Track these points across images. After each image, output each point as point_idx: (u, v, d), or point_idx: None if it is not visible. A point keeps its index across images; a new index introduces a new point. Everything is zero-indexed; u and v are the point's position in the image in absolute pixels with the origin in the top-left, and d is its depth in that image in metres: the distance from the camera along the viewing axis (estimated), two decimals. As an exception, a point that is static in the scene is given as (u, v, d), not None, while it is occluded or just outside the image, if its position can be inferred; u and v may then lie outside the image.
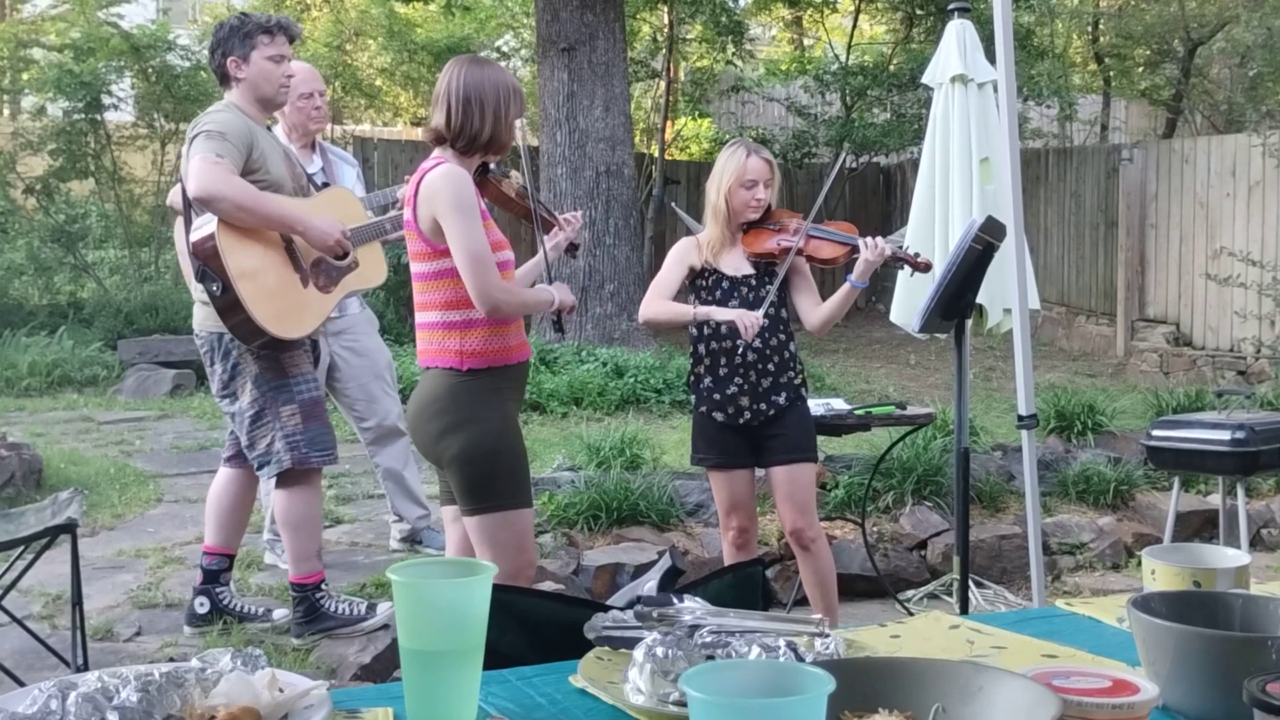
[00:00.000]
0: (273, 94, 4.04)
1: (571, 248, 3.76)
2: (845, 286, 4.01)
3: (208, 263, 3.77)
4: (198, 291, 3.96)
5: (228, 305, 3.77)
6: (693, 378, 4.15)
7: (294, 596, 4.16)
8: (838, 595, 4.29)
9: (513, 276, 3.36)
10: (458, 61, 3.30)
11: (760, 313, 3.95)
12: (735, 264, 4.11)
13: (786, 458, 4.08)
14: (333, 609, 4.13)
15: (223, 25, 4.07)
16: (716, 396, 4.07)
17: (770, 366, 4.04)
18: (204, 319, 4.00)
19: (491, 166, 3.50)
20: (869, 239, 4.02)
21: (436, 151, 3.27)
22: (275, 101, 4.10)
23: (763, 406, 4.05)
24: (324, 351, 4.91)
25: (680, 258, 4.14)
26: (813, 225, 4.08)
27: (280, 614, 4.33)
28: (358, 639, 4.14)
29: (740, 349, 3.99)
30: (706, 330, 4.06)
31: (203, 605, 4.24)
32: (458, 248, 3.13)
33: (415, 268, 3.28)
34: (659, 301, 4.11)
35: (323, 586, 4.15)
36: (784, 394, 4.06)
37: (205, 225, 3.80)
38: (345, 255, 4.05)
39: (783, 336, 4.08)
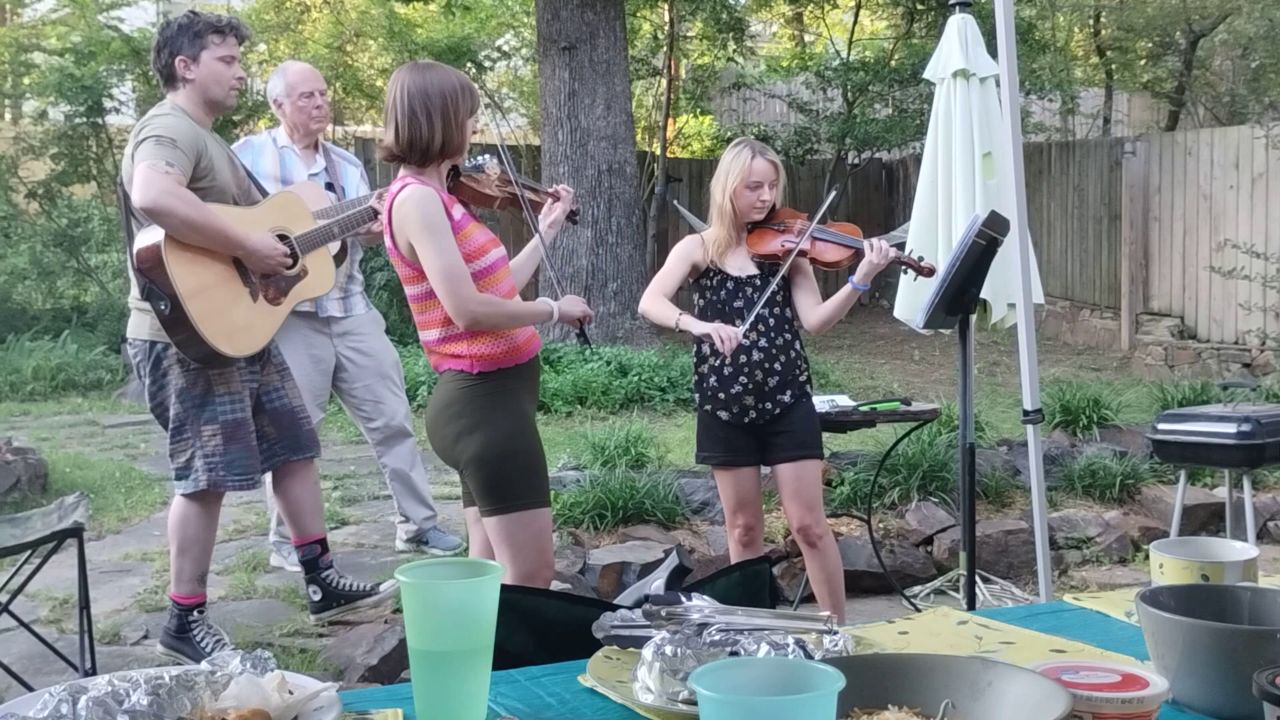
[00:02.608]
0: (222, 96, 3.89)
1: (571, 216, 3.72)
2: (847, 288, 4.00)
3: (153, 279, 3.63)
4: (134, 298, 3.86)
5: (176, 323, 3.64)
6: (696, 376, 4.15)
7: (172, 609, 3.99)
8: (844, 592, 4.29)
9: (508, 274, 3.33)
10: (400, 72, 3.22)
11: (741, 330, 3.92)
12: (740, 264, 4.10)
13: (793, 455, 4.08)
14: (200, 638, 3.93)
15: (170, 23, 3.91)
16: (721, 396, 4.06)
17: (776, 366, 4.03)
18: (138, 326, 3.87)
19: (466, 165, 3.44)
20: (873, 241, 4.01)
21: (400, 171, 3.20)
22: (224, 104, 3.94)
23: (768, 405, 4.05)
24: (330, 352, 4.91)
25: (684, 255, 4.13)
26: (817, 227, 4.08)
27: (388, 585, 4.23)
28: (364, 641, 4.14)
29: (746, 348, 3.98)
30: None
31: (316, 593, 4.21)
32: (429, 266, 3.09)
33: (408, 291, 3.25)
34: (655, 299, 4.11)
35: (197, 613, 3.96)
36: (789, 392, 4.06)
37: (150, 236, 3.65)
38: (293, 264, 3.95)
39: (788, 336, 4.08)
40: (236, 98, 4.02)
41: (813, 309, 4.12)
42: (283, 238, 3.95)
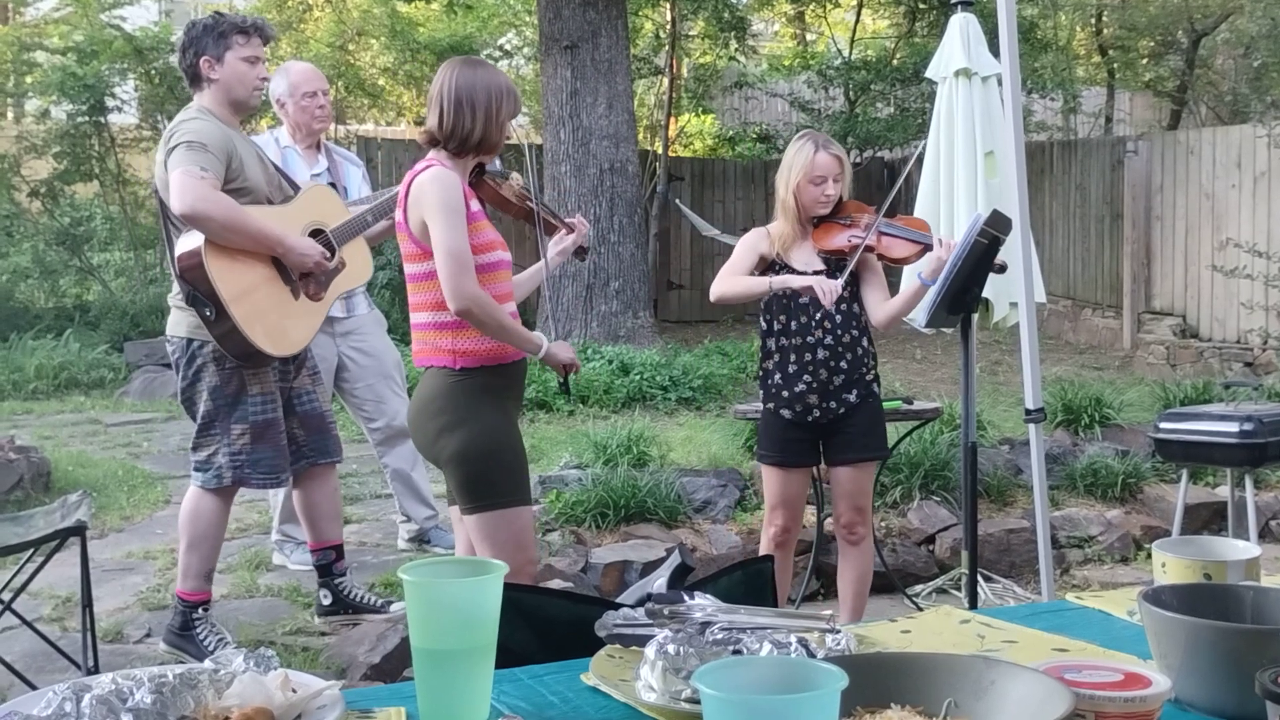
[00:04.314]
0: (246, 96, 3.92)
1: (580, 251, 3.74)
2: (914, 284, 3.97)
3: (196, 284, 3.66)
4: (173, 297, 3.88)
5: (221, 327, 3.67)
6: (762, 373, 4.11)
7: (177, 606, 4.00)
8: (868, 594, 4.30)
9: (508, 277, 3.34)
10: (451, 63, 3.30)
11: (840, 281, 3.85)
12: (806, 259, 4.04)
13: (854, 457, 4.06)
14: (203, 637, 3.93)
15: (195, 24, 3.93)
16: (785, 394, 4.01)
17: (843, 364, 3.98)
18: (176, 323, 3.90)
19: (491, 168, 3.48)
20: (941, 237, 3.98)
21: (430, 153, 3.27)
22: (248, 105, 3.97)
23: (833, 405, 3.99)
24: (332, 352, 4.91)
25: (751, 245, 4.08)
26: (884, 222, 4.01)
27: (398, 606, 4.25)
28: (366, 639, 4.14)
29: (810, 345, 3.95)
30: (776, 325, 4.01)
31: (326, 597, 4.25)
32: (437, 245, 3.12)
33: (408, 269, 3.28)
34: (731, 278, 4.03)
35: (202, 610, 3.96)
36: (855, 391, 4.01)
37: (190, 242, 3.68)
38: (331, 257, 3.98)
39: (855, 333, 4.01)
40: (260, 98, 4.05)
41: (880, 305, 4.05)
42: (318, 232, 3.98)
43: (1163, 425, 5.21)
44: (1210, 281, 10.55)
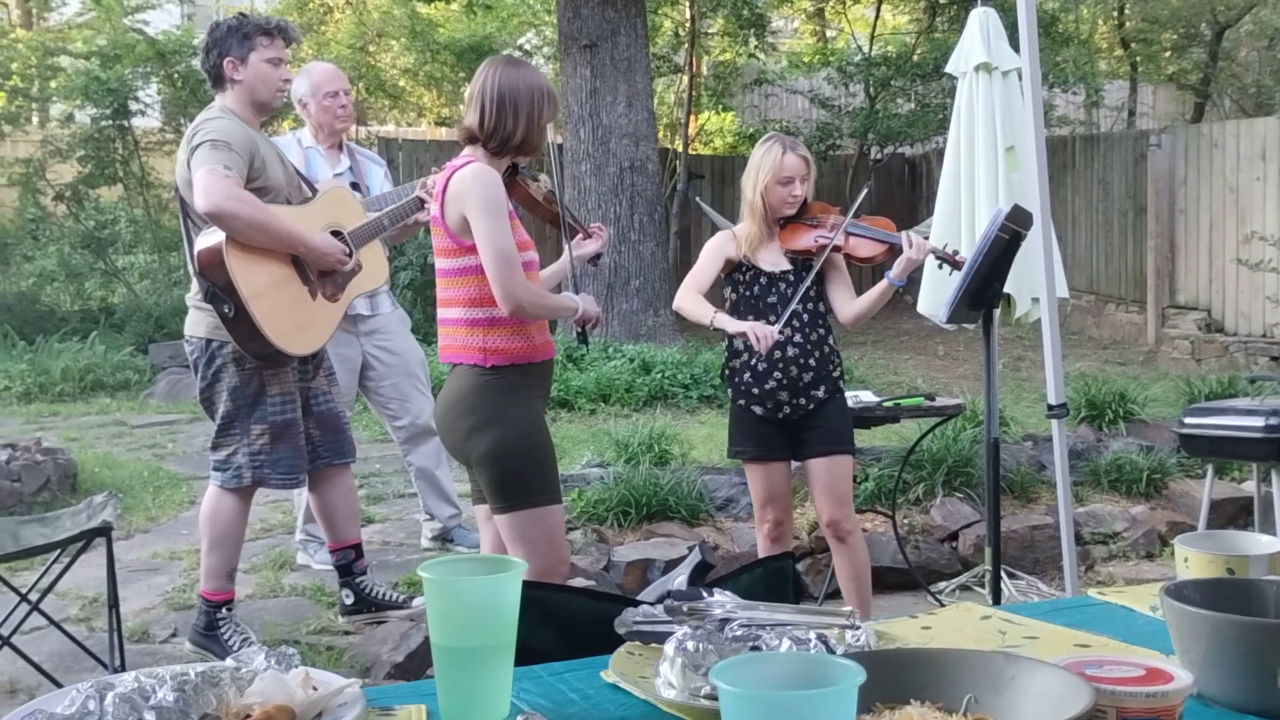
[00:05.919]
0: (269, 98, 3.94)
1: (595, 257, 3.78)
2: (883, 284, 3.97)
3: (215, 281, 3.66)
4: (192, 297, 3.90)
5: (240, 325, 3.68)
6: (728, 371, 4.13)
7: (200, 606, 4.01)
8: (871, 588, 4.28)
9: (537, 278, 3.37)
10: (493, 62, 3.31)
11: (776, 328, 3.90)
12: (773, 260, 4.07)
13: (825, 450, 4.06)
14: (227, 636, 3.93)
15: (219, 25, 3.95)
16: (755, 391, 4.04)
17: (811, 362, 4.01)
18: (195, 324, 3.90)
19: (520, 168, 3.51)
20: (910, 236, 3.98)
21: (467, 150, 3.28)
22: (271, 106, 3.98)
23: (802, 401, 4.03)
24: (357, 351, 4.93)
25: (717, 250, 4.11)
26: (851, 222, 4.04)
27: (420, 601, 4.26)
28: (390, 638, 4.16)
29: (780, 344, 3.96)
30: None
31: (348, 597, 4.28)
32: (485, 246, 3.13)
33: (440, 264, 3.29)
34: (690, 295, 4.09)
35: (225, 610, 3.97)
36: (823, 387, 4.04)
37: (210, 239, 3.68)
38: (349, 259, 4.00)
39: (822, 331, 4.05)
40: (283, 99, 4.07)
41: (848, 304, 4.09)
42: (336, 233, 3.99)
43: (1188, 420, 5.18)
44: (1235, 275, 10.47)
